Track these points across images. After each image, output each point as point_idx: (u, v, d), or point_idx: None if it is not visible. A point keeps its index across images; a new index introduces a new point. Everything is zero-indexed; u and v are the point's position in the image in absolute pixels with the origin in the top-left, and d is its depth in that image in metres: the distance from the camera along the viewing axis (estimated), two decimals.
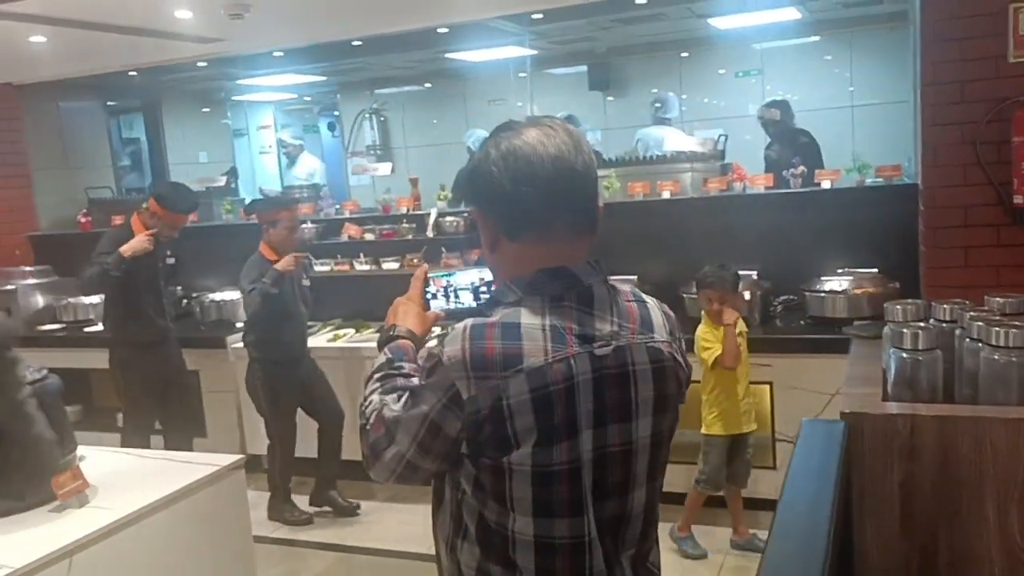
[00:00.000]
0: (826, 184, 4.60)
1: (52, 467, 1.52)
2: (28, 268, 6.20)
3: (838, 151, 5.81)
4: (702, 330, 3.81)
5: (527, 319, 1.26)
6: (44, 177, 6.62)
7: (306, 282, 4.67)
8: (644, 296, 1.42)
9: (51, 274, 6.16)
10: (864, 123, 6.53)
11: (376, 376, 1.44)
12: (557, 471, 1.24)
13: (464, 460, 1.26)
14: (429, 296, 1.69)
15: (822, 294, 4.26)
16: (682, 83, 7.41)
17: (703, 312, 3.84)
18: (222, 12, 3.99)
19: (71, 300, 5.84)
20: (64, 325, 5.82)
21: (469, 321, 1.27)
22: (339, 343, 5.14)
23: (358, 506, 4.60)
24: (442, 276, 1.75)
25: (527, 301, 1.28)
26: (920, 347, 1.54)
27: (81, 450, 2.67)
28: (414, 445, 1.28)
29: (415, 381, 1.36)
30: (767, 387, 4.17)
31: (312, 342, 5.27)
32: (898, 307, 1.73)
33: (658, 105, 6.50)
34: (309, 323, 5.65)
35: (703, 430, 3.84)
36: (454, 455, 1.27)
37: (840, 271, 4.35)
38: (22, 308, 5.86)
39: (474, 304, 1.73)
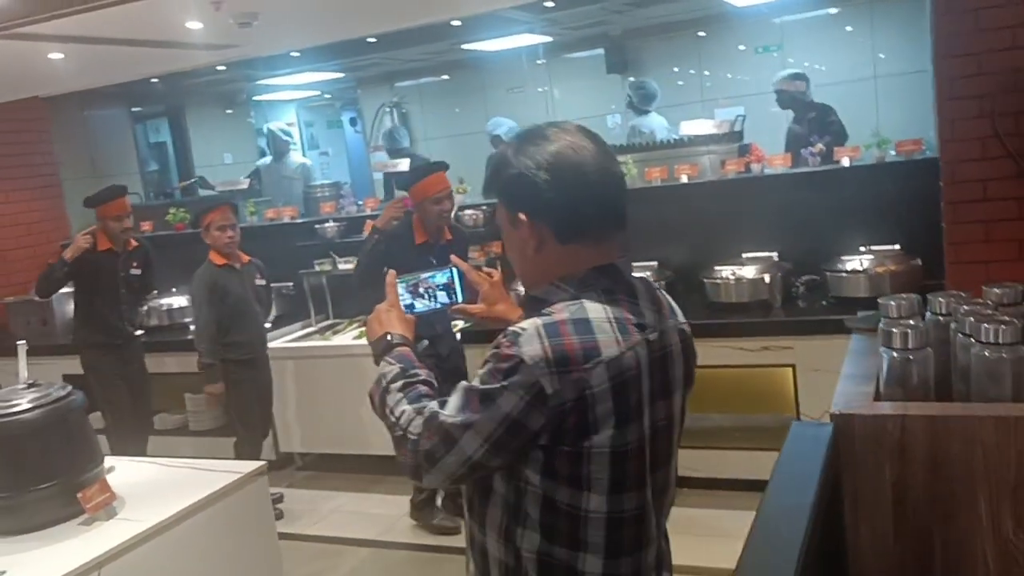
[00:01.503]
0: (845, 162, 4.54)
1: None
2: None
3: (862, 124, 5.71)
4: None
5: (593, 314, 1.35)
6: (74, 186, 6.75)
7: (260, 282, 4.77)
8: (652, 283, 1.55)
9: None
10: (887, 95, 6.40)
11: (395, 387, 1.50)
12: (630, 449, 1.35)
13: (536, 451, 1.33)
14: (410, 298, 1.75)
15: (844, 273, 4.22)
16: (701, 61, 7.34)
17: None
18: (231, 21, 4.03)
19: None
20: None
21: (539, 320, 1.33)
22: (364, 340, 5.19)
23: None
24: (425, 277, 1.79)
25: (584, 297, 1.37)
26: (910, 346, 1.53)
27: (109, 460, 2.75)
28: (486, 446, 1.32)
29: (420, 385, 1.47)
30: (789, 370, 4.15)
31: (337, 340, 5.35)
32: (892, 303, 1.71)
33: (642, 92, 6.47)
34: (332, 320, 5.76)
35: None
36: (528, 449, 1.33)
37: (862, 249, 4.30)
38: (56, 316, 6.00)
39: (446, 302, 1.78)
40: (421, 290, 1.80)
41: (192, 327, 4.89)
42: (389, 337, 1.61)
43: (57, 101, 6.63)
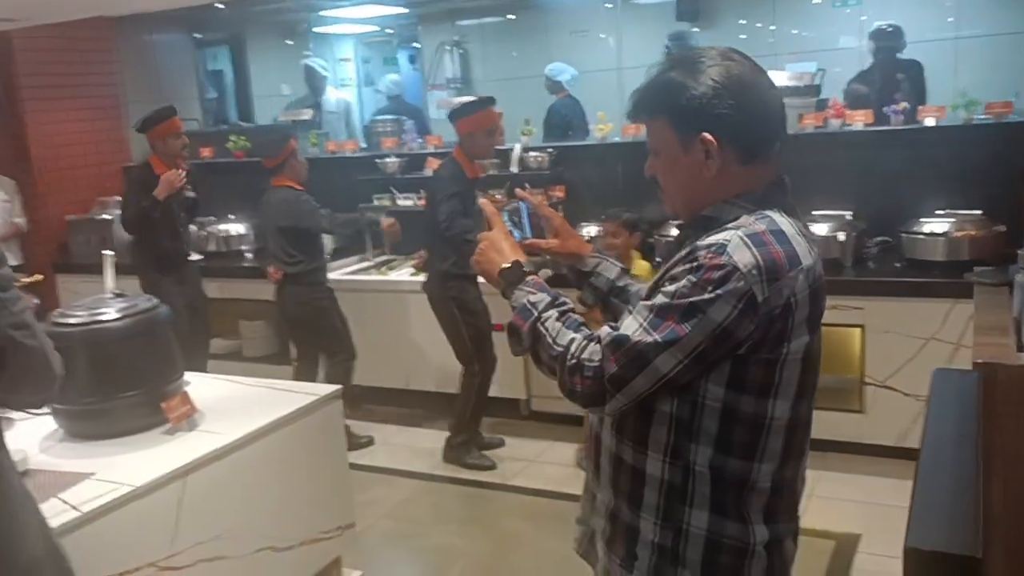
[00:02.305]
0: (930, 121, 4.40)
1: (53, 376, 1.60)
2: (121, 199, 6.38)
3: (939, 86, 5.54)
4: None
5: (785, 227, 1.38)
6: (137, 109, 6.71)
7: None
8: None
9: None
10: (969, 56, 6.18)
11: (550, 315, 1.46)
12: (815, 355, 1.41)
13: (724, 363, 1.35)
14: (510, 226, 1.72)
15: (921, 236, 4.11)
16: (776, 14, 7.13)
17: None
18: None
19: None
20: None
21: (739, 231, 1.34)
22: (420, 276, 5.18)
23: None
24: (515, 206, 1.78)
25: (768, 212, 1.40)
26: None
27: (187, 376, 2.78)
28: (685, 361, 1.32)
29: (572, 313, 1.45)
30: (858, 330, 4.08)
31: (393, 275, 5.36)
32: None
33: (680, 44, 6.24)
34: (389, 256, 5.76)
35: None
36: (721, 360, 1.34)
37: (939, 213, 4.18)
38: (116, 237, 6.05)
39: (517, 237, 1.73)
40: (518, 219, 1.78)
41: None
42: (517, 267, 1.55)
43: (123, 23, 6.61)
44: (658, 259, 4.68)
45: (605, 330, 1.38)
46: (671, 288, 1.34)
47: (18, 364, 1.54)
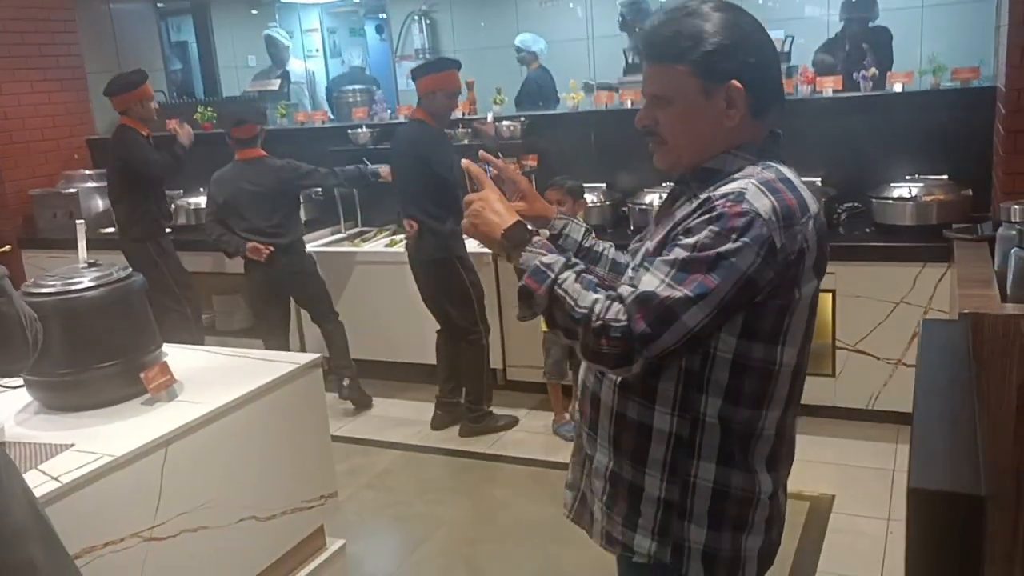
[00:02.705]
0: (898, 87, 4.44)
1: (22, 344, 1.58)
2: (88, 172, 6.28)
3: (907, 53, 5.58)
4: None
5: (790, 175, 1.41)
6: (98, 81, 6.56)
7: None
8: None
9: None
10: (935, 24, 6.24)
11: (567, 277, 1.39)
12: (816, 300, 1.44)
13: (738, 313, 1.35)
14: None
15: (890, 200, 4.17)
16: None
17: None
18: None
19: None
20: None
21: (752, 179, 1.36)
22: (395, 248, 5.16)
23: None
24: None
25: (769, 162, 1.42)
26: None
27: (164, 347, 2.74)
28: (713, 313, 1.31)
29: (586, 273, 1.41)
30: (828, 295, 4.13)
31: (368, 247, 5.33)
32: (1015, 206, 1.67)
33: (635, 8, 6.21)
34: (361, 228, 5.72)
35: (543, 328, 3.96)
36: (739, 310, 1.35)
37: (908, 178, 4.23)
38: (83, 211, 5.95)
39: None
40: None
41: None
42: (518, 228, 1.48)
43: None
44: (631, 227, 4.70)
45: (626, 288, 1.35)
46: (690, 240, 1.32)
47: None
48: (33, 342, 1.62)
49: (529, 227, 1.50)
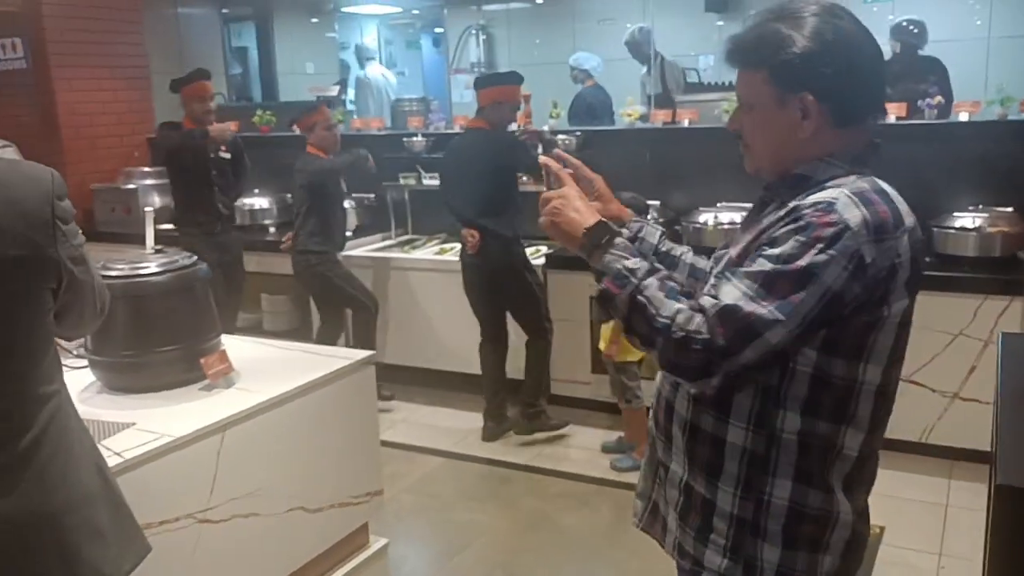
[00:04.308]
0: (963, 116, 4.37)
1: (91, 311, 1.64)
2: (147, 169, 6.40)
3: (969, 86, 5.50)
4: None
5: (885, 186, 1.36)
6: (161, 81, 6.74)
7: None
8: None
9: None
10: (1001, 56, 6.14)
11: (652, 284, 1.35)
12: (909, 320, 1.38)
13: (823, 326, 1.30)
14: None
15: (952, 230, 4.09)
16: None
17: None
18: None
19: None
20: None
21: (845, 189, 1.31)
22: (445, 256, 5.18)
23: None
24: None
25: (863, 172, 1.37)
26: None
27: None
28: (797, 331, 1.27)
29: (668, 280, 1.36)
30: None
31: (417, 254, 5.35)
32: None
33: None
34: (411, 236, 5.76)
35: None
36: (827, 324, 1.30)
37: (972, 208, 4.15)
38: (141, 207, 6.05)
39: None
40: None
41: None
42: (601, 228, 1.43)
43: None
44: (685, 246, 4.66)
45: (708, 300, 1.31)
46: (775, 251, 1.28)
47: (69, 297, 1.55)
48: (100, 309, 1.67)
49: (614, 227, 1.45)
